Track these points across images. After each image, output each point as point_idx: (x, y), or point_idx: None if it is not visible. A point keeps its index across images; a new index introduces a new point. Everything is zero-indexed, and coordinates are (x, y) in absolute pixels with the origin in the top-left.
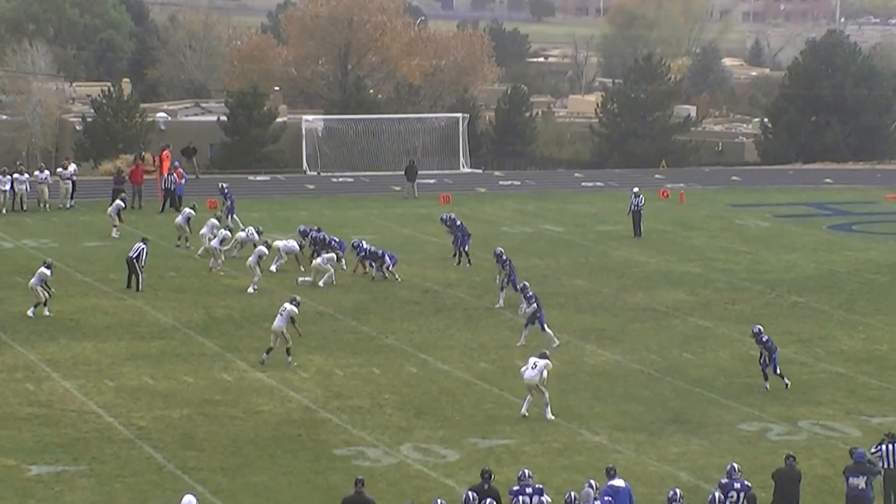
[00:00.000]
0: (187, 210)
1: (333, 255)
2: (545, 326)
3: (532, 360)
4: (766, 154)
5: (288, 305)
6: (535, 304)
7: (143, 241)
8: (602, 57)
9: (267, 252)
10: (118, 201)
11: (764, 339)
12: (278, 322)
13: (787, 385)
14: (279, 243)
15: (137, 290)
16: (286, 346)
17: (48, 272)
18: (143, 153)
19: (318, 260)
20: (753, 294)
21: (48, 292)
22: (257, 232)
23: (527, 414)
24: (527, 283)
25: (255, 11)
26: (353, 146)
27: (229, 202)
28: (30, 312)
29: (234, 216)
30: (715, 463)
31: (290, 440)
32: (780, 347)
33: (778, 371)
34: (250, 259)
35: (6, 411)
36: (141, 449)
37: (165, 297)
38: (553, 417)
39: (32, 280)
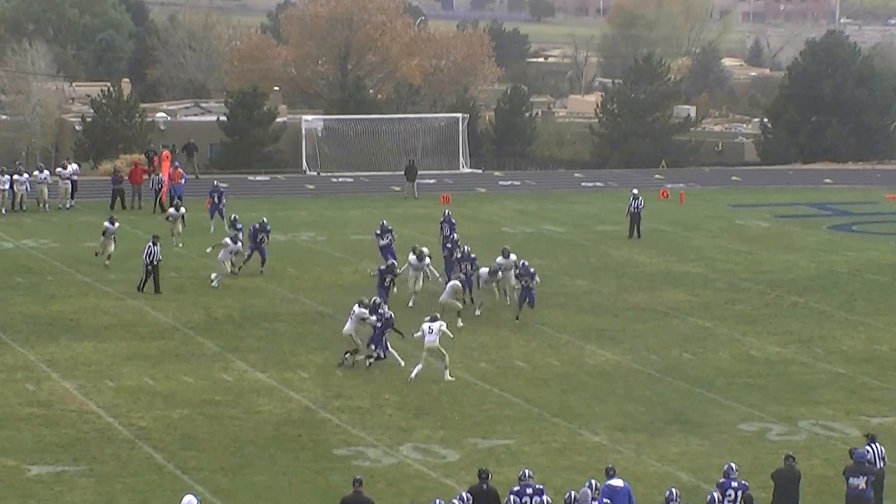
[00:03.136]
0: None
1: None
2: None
3: (426, 325)
4: (765, 154)
5: (357, 308)
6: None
7: (154, 241)
8: (602, 57)
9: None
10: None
11: (383, 317)
12: (348, 326)
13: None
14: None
15: (156, 291)
16: (353, 346)
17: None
18: (164, 147)
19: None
20: (753, 294)
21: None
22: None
23: (413, 378)
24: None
25: (255, 11)
26: (352, 146)
27: (218, 202)
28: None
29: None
30: (715, 463)
31: (290, 440)
32: (780, 348)
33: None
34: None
35: (6, 411)
36: (141, 449)
37: (165, 297)
38: (452, 378)
39: (221, 256)
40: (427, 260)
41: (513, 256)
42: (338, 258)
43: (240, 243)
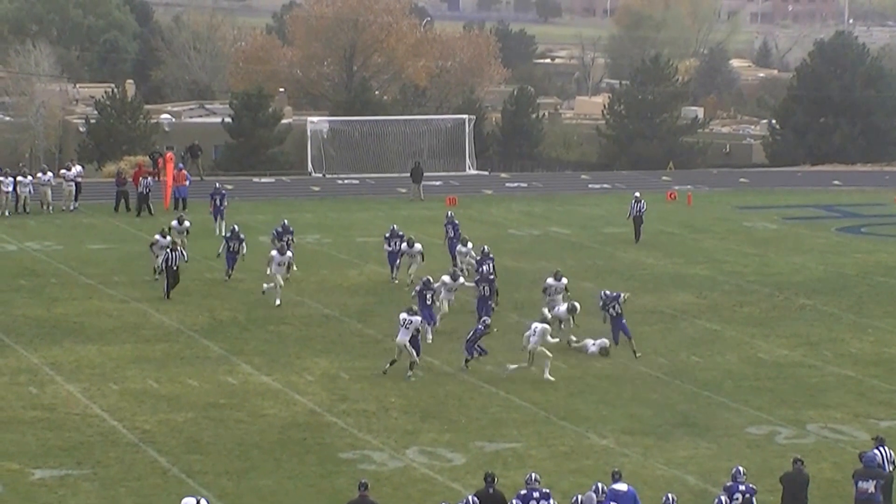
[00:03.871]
0: None
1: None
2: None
3: (533, 325)
4: (774, 156)
5: (406, 315)
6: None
7: (172, 248)
8: (609, 58)
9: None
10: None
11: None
12: (402, 336)
13: None
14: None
15: (166, 296)
16: (410, 360)
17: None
18: (168, 149)
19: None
20: (762, 297)
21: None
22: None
23: (534, 371)
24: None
25: (260, 12)
26: (358, 148)
27: (220, 204)
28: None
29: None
30: (723, 466)
31: (295, 444)
32: (788, 350)
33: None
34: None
35: (10, 415)
36: (145, 453)
37: (170, 300)
38: (552, 378)
39: (272, 270)
40: (461, 279)
41: (564, 280)
42: (343, 260)
43: (289, 252)
